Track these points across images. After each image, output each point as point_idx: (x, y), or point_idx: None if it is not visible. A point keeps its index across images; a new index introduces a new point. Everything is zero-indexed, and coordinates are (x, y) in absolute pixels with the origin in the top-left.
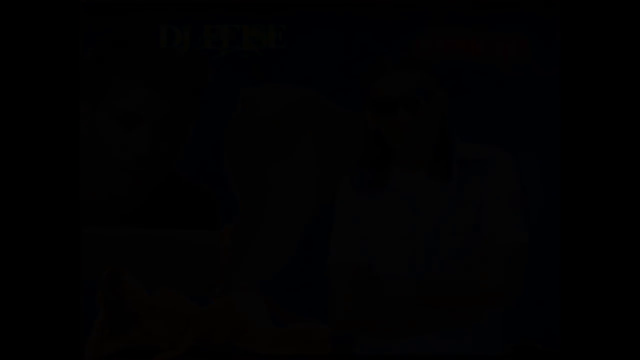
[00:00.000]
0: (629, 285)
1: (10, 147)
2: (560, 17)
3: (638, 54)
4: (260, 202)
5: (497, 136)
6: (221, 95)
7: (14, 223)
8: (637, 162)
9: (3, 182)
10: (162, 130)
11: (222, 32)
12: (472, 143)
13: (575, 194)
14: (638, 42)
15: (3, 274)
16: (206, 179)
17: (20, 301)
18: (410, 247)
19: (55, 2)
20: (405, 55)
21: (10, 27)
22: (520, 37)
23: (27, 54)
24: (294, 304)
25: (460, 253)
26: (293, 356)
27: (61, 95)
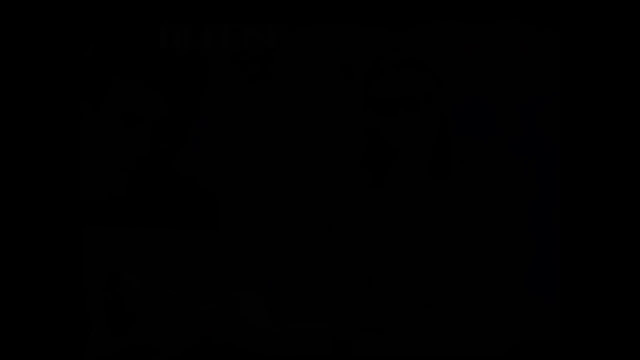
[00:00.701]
0: (629, 284)
1: (10, 147)
2: (560, 17)
3: (638, 55)
4: (259, 202)
5: (497, 136)
6: (221, 95)
7: (14, 223)
8: (637, 162)
9: (3, 183)
10: (162, 130)
11: (222, 32)
12: (472, 143)
13: (575, 194)
14: (638, 43)
15: (3, 274)
16: (206, 179)
17: (21, 301)
18: (410, 247)
19: (55, 2)
20: (405, 55)
21: (10, 26)
22: (521, 38)
23: (26, 54)
24: (295, 303)
25: (460, 253)
26: (293, 356)
27: (61, 95)
